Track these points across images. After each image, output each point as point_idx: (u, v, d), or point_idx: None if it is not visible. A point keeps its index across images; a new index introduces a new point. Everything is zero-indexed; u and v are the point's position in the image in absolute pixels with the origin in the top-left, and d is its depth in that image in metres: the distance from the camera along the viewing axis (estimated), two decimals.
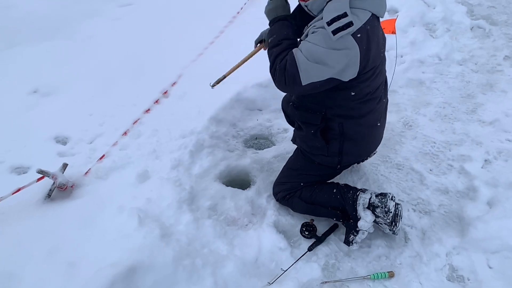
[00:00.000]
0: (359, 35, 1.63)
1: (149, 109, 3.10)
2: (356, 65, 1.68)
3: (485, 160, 2.54)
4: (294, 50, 1.73)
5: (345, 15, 1.60)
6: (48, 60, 3.87)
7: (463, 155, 2.59)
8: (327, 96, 1.83)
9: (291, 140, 2.30)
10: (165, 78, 3.45)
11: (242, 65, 2.23)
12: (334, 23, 1.60)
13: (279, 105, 3.13)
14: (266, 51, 1.95)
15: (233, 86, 3.15)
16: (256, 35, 2.55)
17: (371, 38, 1.69)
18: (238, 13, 4.72)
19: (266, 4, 1.95)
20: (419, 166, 2.55)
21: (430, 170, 2.53)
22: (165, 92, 3.30)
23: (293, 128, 2.27)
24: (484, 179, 2.34)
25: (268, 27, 1.97)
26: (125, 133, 2.84)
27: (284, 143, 2.80)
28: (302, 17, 1.93)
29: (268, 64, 1.86)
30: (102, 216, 2.13)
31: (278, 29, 1.86)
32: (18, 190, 2.24)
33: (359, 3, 1.66)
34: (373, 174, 2.51)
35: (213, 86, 2.24)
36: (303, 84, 1.70)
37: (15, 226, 2.10)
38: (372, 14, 1.70)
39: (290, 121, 2.37)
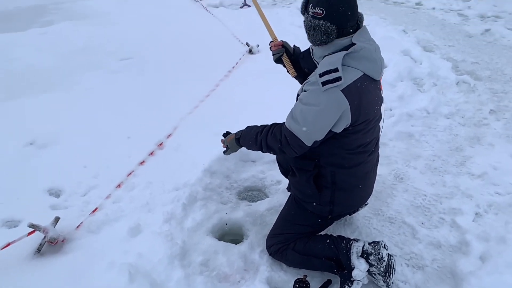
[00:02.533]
0: (348, 91, 1.74)
1: (143, 161, 3.13)
2: (348, 118, 1.78)
3: (476, 213, 2.56)
4: (287, 123, 1.90)
5: (336, 70, 1.72)
6: (46, 111, 3.96)
7: (454, 208, 2.61)
8: (321, 144, 1.91)
9: (286, 188, 2.36)
10: (161, 129, 3.53)
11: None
12: (325, 76, 1.73)
13: (272, 157, 3.20)
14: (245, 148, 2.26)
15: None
16: (250, 89, 2.67)
17: (362, 95, 1.78)
18: (233, 67, 4.90)
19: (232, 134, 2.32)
20: (411, 220, 2.56)
21: (422, 223, 2.54)
22: (160, 144, 3.35)
23: (286, 179, 2.34)
24: (476, 233, 2.35)
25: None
26: (119, 186, 2.85)
27: (277, 195, 2.82)
28: (310, 60, 2.12)
29: None
30: (92, 272, 2.10)
31: (247, 132, 2.18)
32: (8, 244, 2.22)
33: (351, 62, 1.78)
34: (365, 227, 2.51)
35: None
36: (308, 145, 1.86)
37: (4, 282, 2.07)
38: (364, 74, 1.81)
39: (284, 170, 2.42)
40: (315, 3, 1.78)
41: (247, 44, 5.49)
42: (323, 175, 2.04)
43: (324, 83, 1.73)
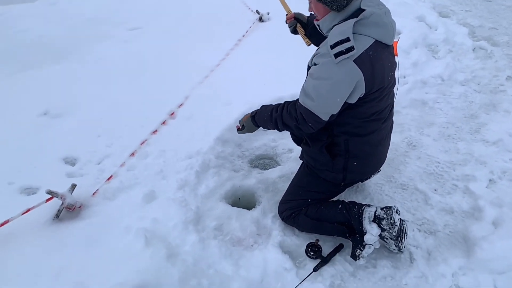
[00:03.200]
0: (361, 61, 1.69)
1: (156, 130, 3.15)
2: (362, 88, 1.75)
3: (490, 180, 2.55)
4: (301, 99, 1.87)
5: (347, 39, 1.66)
6: (59, 82, 3.98)
7: (468, 175, 2.60)
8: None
9: (299, 157, 2.36)
10: (172, 99, 3.53)
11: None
12: (337, 47, 1.68)
13: None
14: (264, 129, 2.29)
15: (239, 107, 3.21)
16: (260, 58, 2.64)
17: (374, 63, 1.74)
18: (243, 36, 4.83)
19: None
20: (424, 186, 2.56)
21: (435, 190, 2.54)
22: (172, 114, 3.36)
23: (299, 147, 2.34)
24: (489, 199, 2.34)
25: None
26: (132, 154, 2.89)
27: (289, 163, 2.83)
28: (318, 36, 2.12)
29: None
30: (109, 236, 2.16)
31: (261, 111, 2.19)
32: (28, 210, 2.29)
33: (362, 29, 1.72)
34: (377, 194, 2.52)
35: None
36: (325, 120, 1.84)
37: (24, 247, 2.14)
38: (376, 40, 1.75)
39: (296, 139, 2.41)
40: None
41: (257, 11, 5.38)
42: (336, 144, 2.03)
43: (336, 55, 1.68)
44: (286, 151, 2.98)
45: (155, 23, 5.52)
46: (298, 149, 2.92)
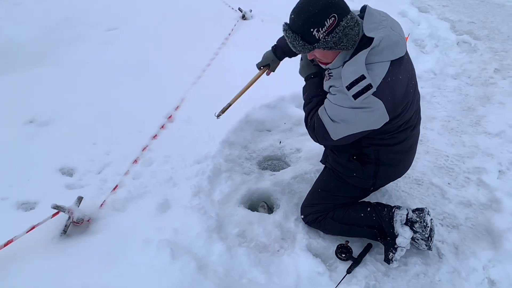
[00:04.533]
0: (380, 91, 1.58)
1: (156, 135, 3.00)
2: (385, 115, 1.65)
3: (499, 171, 2.60)
4: (320, 111, 1.79)
5: (362, 77, 1.56)
6: (39, 87, 3.71)
7: (478, 167, 2.64)
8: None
9: (320, 161, 2.28)
10: (167, 102, 3.37)
11: (246, 91, 2.28)
12: (354, 88, 1.58)
13: (287, 125, 3.13)
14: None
15: (241, 108, 3.11)
16: (250, 56, 2.57)
17: (394, 86, 1.63)
18: (229, 34, 4.72)
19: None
20: (438, 180, 2.58)
21: (449, 183, 2.56)
22: (170, 117, 3.21)
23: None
24: (505, 190, 2.38)
25: (270, 49, 2.26)
26: (135, 161, 2.73)
27: (299, 163, 2.77)
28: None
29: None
30: (128, 251, 2.01)
31: (309, 86, 1.96)
32: (33, 227, 2.10)
33: (375, 58, 1.58)
34: (394, 191, 2.51)
35: (218, 116, 2.29)
36: (334, 139, 1.76)
37: (36, 266, 1.96)
38: (391, 61, 1.61)
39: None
40: (321, 20, 1.52)
41: (239, 9, 5.28)
42: (365, 154, 1.96)
43: (355, 96, 1.58)
44: (294, 151, 2.91)
45: (132, 24, 5.28)
46: (306, 149, 2.89)
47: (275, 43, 2.25)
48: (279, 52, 2.20)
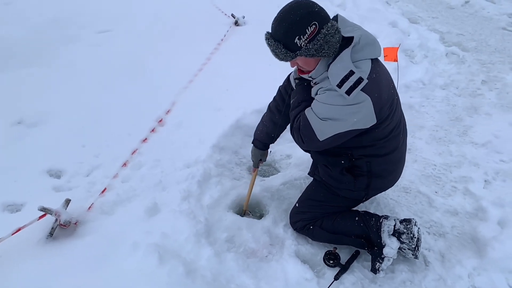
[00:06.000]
0: (368, 87, 1.62)
1: (146, 138, 2.99)
2: (372, 113, 1.67)
3: (485, 181, 2.64)
4: (306, 110, 1.79)
5: (352, 72, 1.59)
6: (29, 88, 3.69)
7: (464, 176, 2.68)
8: (352, 140, 1.80)
9: (308, 174, 2.28)
10: (158, 105, 3.38)
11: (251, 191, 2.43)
12: (345, 84, 1.60)
13: None
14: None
15: (232, 113, 3.13)
16: (242, 62, 2.53)
17: (379, 83, 1.68)
18: (222, 40, 4.74)
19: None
20: (425, 189, 2.61)
21: (436, 192, 2.60)
22: (160, 120, 3.21)
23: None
24: (490, 199, 2.42)
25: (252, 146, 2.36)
26: (124, 164, 2.72)
27: (289, 170, 2.78)
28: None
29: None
30: (116, 254, 1.99)
31: (299, 91, 1.94)
32: (19, 229, 2.07)
33: (358, 55, 1.64)
34: (383, 198, 2.53)
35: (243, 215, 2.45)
36: (321, 140, 1.75)
37: (21, 268, 1.93)
38: (371, 59, 1.69)
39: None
40: (302, 28, 1.57)
41: (232, 15, 5.31)
42: (358, 166, 1.97)
43: (348, 92, 1.59)
44: (284, 157, 2.93)
45: (125, 26, 5.28)
46: (296, 155, 2.90)
47: (253, 138, 2.35)
48: (260, 144, 2.32)
